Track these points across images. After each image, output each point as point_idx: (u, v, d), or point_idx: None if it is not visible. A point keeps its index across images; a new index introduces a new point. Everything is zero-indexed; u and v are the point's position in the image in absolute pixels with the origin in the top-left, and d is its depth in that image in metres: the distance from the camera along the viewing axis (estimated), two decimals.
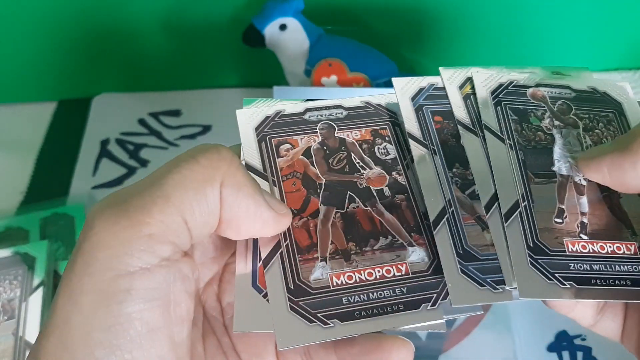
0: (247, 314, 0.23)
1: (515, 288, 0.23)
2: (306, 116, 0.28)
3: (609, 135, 0.27)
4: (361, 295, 0.23)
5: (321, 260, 0.24)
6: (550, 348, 0.45)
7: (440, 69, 0.29)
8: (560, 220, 0.25)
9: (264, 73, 0.62)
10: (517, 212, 0.25)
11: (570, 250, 0.24)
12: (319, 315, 0.23)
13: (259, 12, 0.54)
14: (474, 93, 0.28)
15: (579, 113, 0.28)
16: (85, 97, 0.65)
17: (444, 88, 0.28)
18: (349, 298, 0.23)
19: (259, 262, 0.24)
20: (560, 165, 0.26)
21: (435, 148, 0.26)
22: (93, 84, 0.65)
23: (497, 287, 0.23)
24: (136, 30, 0.61)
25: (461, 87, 0.28)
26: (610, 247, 0.25)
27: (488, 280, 0.23)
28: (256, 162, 0.26)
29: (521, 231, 0.24)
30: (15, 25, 0.59)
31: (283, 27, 0.53)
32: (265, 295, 0.23)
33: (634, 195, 0.26)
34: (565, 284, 0.23)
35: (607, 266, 0.24)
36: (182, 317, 0.21)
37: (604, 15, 0.60)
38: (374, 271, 0.24)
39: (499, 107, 0.28)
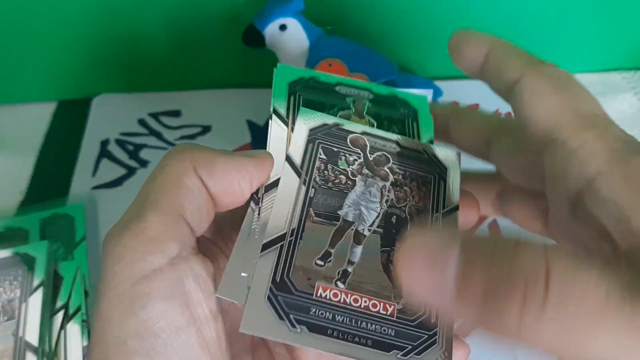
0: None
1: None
2: None
3: (417, 195, 0.27)
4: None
5: None
6: None
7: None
8: (322, 263, 0.24)
9: (264, 73, 0.62)
10: (278, 245, 0.24)
11: (318, 294, 0.23)
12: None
13: (259, 12, 0.54)
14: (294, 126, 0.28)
15: (395, 167, 0.28)
16: (85, 97, 0.65)
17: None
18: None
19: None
20: (349, 211, 0.26)
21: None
22: (93, 84, 0.65)
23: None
24: (136, 30, 0.61)
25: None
26: (366, 302, 0.24)
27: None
28: None
29: (273, 265, 0.24)
30: (14, 26, 0.59)
31: (283, 27, 0.53)
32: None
33: None
34: (296, 327, 0.22)
35: (353, 320, 0.23)
36: (206, 316, 0.22)
37: (604, 15, 0.60)
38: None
39: (311, 143, 0.28)
